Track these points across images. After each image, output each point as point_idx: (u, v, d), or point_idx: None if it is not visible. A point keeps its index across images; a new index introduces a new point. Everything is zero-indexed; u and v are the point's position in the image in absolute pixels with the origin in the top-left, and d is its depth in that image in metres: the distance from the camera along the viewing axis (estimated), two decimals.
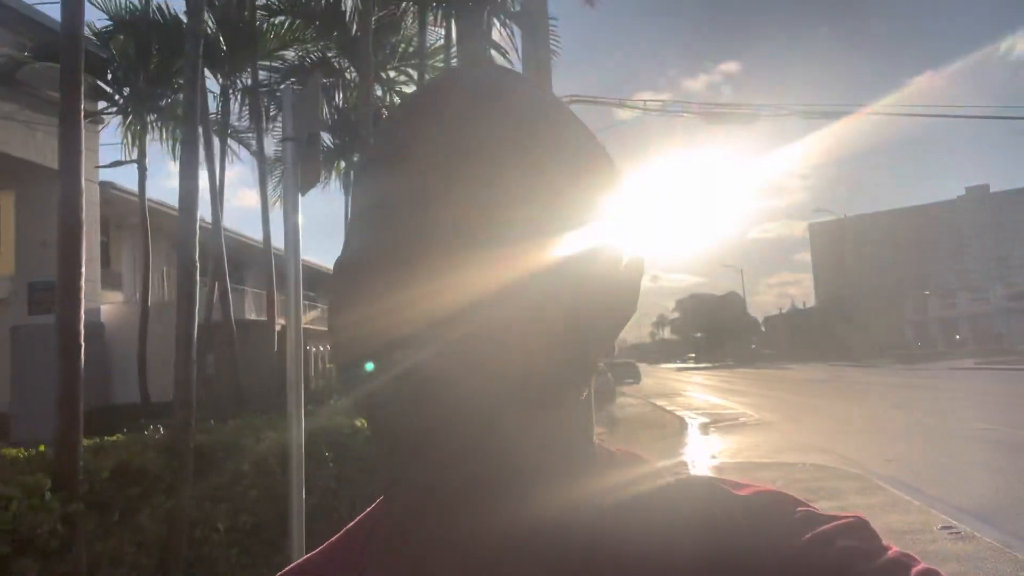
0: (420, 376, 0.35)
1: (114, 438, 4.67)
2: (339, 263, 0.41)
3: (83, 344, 3.68)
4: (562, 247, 0.39)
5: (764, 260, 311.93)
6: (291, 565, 0.51)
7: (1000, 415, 13.94)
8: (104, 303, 12.33)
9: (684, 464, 9.75)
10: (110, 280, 14.81)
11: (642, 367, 45.72)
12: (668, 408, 20.06)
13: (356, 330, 0.37)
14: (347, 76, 10.46)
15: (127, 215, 13.93)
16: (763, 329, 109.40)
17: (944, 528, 5.82)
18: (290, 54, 10.05)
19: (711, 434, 13.75)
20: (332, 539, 0.51)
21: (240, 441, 4.47)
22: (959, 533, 5.64)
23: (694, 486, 0.42)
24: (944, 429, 12.31)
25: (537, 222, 0.38)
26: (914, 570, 0.35)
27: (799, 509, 0.39)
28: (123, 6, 9.18)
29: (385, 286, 0.36)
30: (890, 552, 0.36)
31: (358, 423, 5.29)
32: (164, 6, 9.26)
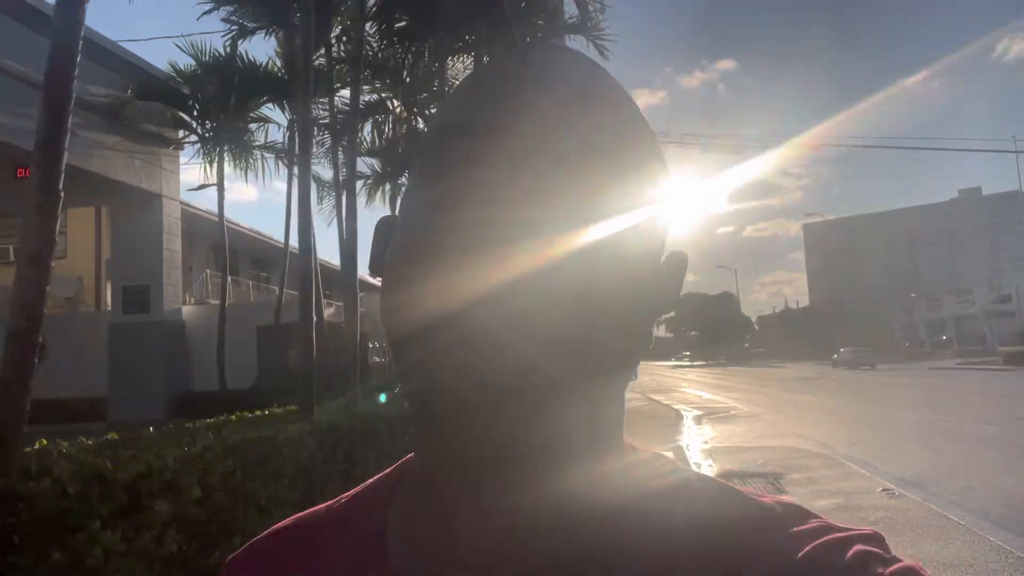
0: (467, 348, 0.36)
1: (257, 413, 6.31)
2: (406, 244, 0.41)
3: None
4: (616, 239, 0.40)
5: (759, 259, 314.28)
6: (297, 515, 0.52)
7: (959, 408, 15.70)
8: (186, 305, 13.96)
9: (700, 468, 11.41)
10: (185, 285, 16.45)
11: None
12: (665, 402, 21.75)
13: (415, 306, 0.38)
14: (395, 110, 12.06)
15: (195, 227, 15.54)
16: (756, 328, 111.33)
17: (883, 490, 7.50)
18: (347, 92, 11.67)
19: (704, 424, 15.43)
20: (350, 492, 0.51)
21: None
22: (893, 493, 7.33)
23: (716, 488, 0.43)
24: (905, 419, 14.06)
25: (597, 214, 0.39)
26: None
27: (813, 520, 0.40)
28: (210, 52, 10.85)
29: (446, 272, 0.37)
30: (903, 561, 0.36)
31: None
32: (244, 53, 10.88)
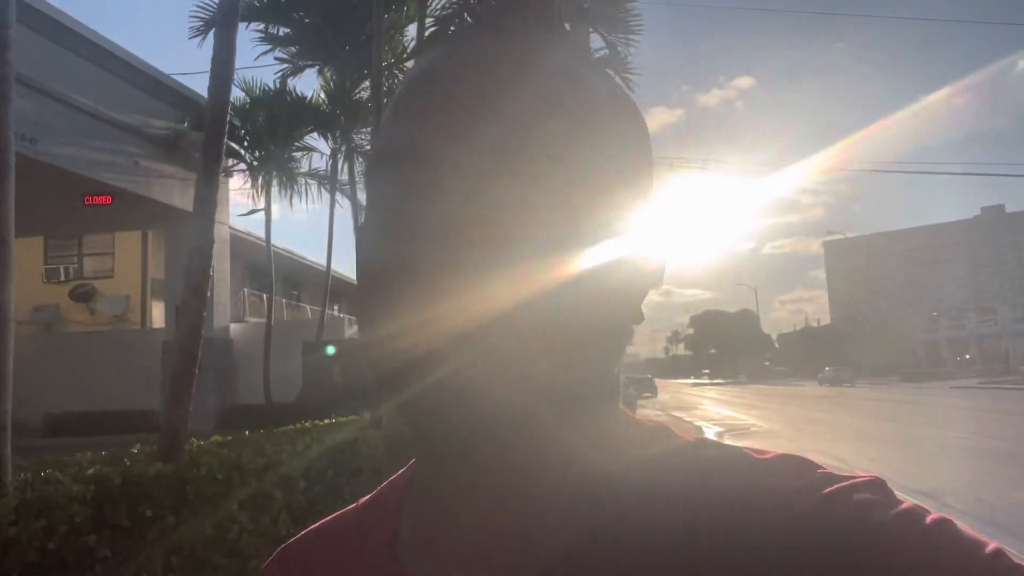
0: (460, 384, 0.36)
1: (325, 422, 6.91)
2: (367, 271, 0.40)
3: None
4: (594, 255, 0.38)
5: (778, 276, 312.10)
6: (326, 519, 0.53)
7: (979, 427, 15.95)
8: (232, 323, 14.68)
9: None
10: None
11: (657, 382, 47.79)
12: (687, 419, 22.11)
13: (393, 342, 0.37)
14: None
15: (233, 247, 16.33)
16: (776, 346, 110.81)
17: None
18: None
19: (725, 440, 15.79)
20: (364, 499, 0.52)
21: None
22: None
23: (713, 448, 0.43)
24: (922, 437, 14.38)
25: (570, 230, 0.38)
26: (928, 518, 0.35)
27: (819, 470, 0.40)
28: (260, 87, 11.66)
29: (418, 298, 0.36)
30: (905, 503, 0.37)
31: None
32: (293, 88, 11.68)
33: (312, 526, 0.53)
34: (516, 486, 0.41)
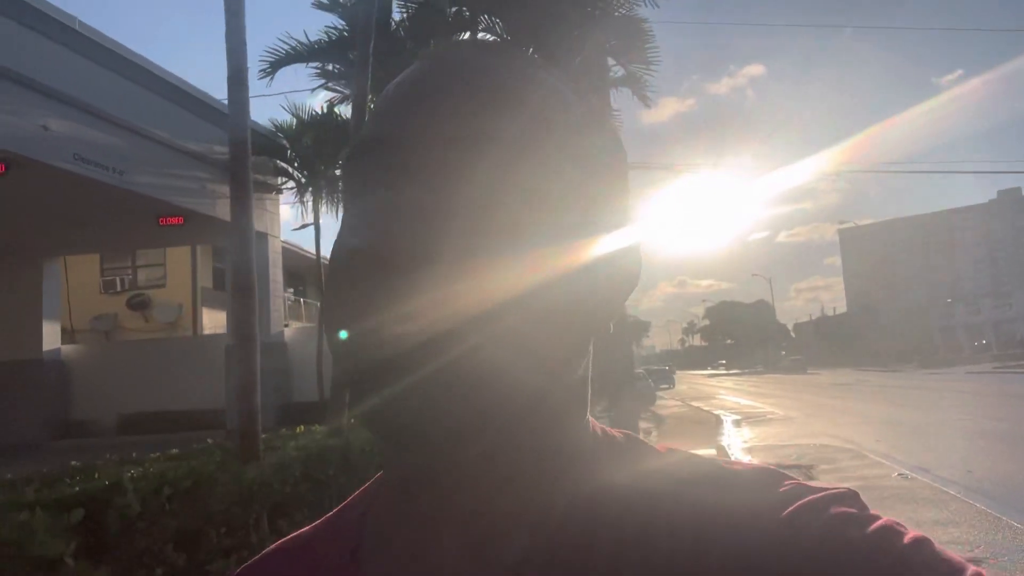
0: (428, 385, 0.35)
1: None
2: (343, 254, 0.39)
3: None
4: (573, 247, 0.38)
5: (794, 264, 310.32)
6: (285, 538, 0.52)
7: (983, 409, 16.81)
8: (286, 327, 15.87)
9: (685, 449, 12.83)
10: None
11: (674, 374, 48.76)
12: (705, 408, 23.07)
13: (362, 337, 0.36)
14: None
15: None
16: (793, 335, 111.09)
17: (898, 475, 8.90)
18: None
19: (743, 427, 16.79)
20: (327, 515, 0.51)
21: None
22: (906, 476, 8.73)
23: (685, 460, 0.43)
24: (927, 420, 15.30)
25: (547, 222, 0.38)
26: (906, 536, 0.35)
27: (788, 482, 0.39)
28: (308, 112, 12.85)
29: (384, 290, 0.35)
30: (881, 520, 0.36)
31: None
32: (339, 112, 12.81)
33: (274, 544, 0.52)
34: (483, 495, 0.40)
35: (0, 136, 7.88)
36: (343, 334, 0.37)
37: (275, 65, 10.94)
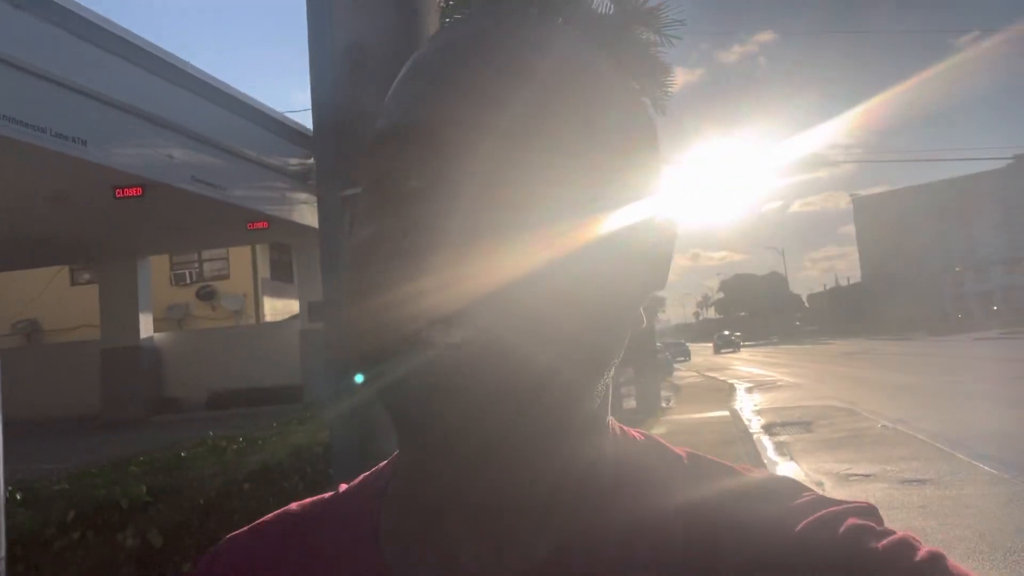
0: (451, 366, 0.34)
1: None
2: (362, 244, 0.38)
3: None
4: (603, 228, 0.37)
5: (808, 234, 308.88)
6: (296, 503, 0.51)
7: (973, 373, 18.51)
8: None
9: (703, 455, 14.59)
10: None
11: (689, 346, 50.59)
12: (720, 378, 24.84)
13: (384, 316, 0.35)
14: None
15: None
16: (807, 305, 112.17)
17: (881, 426, 10.68)
18: None
19: (754, 393, 18.58)
20: (348, 485, 0.50)
21: None
22: (887, 427, 10.52)
23: (705, 466, 0.43)
24: (923, 383, 17.02)
25: (578, 204, 0.37)
26: (921, 550, 0.35)
27: (806, 494, 0.39)
28: None
29: (416, 272, 0.34)
30: (896, 534, 0.36)
31: None
32: None
33: (267, 516, 0.50)
34: (503, 484, 0.39)
35: (138, 166, 9.75)
36: (357, 316, 0.37)
37: None
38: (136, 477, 3.05)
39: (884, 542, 0.36)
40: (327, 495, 0.51)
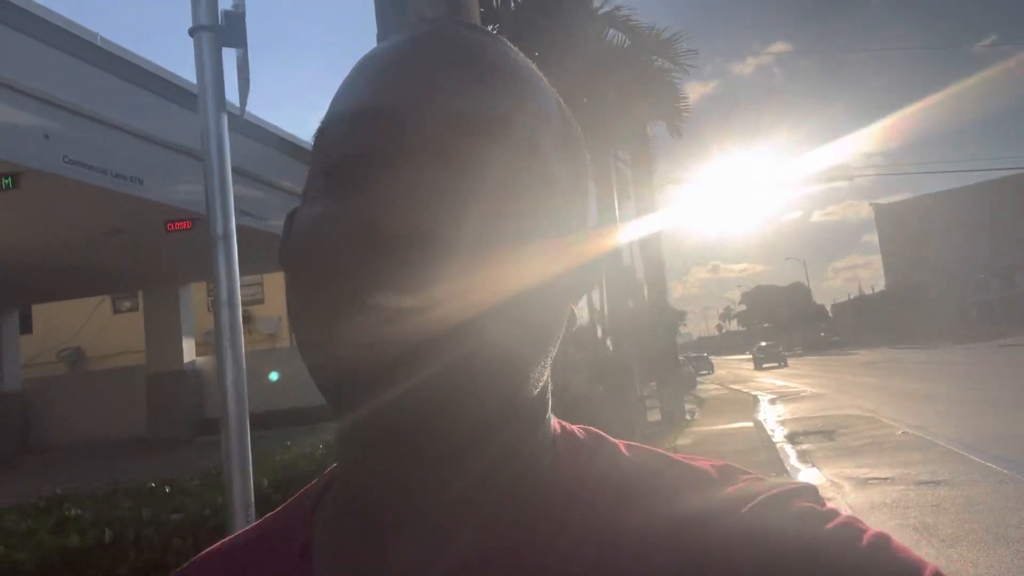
0: (396, 368, 0.34)
1: None
2: (306, 240, 0.38)
3: None
4: (550, 244, 0.38)
5: (830, 243, 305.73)
6: (230, 536, 0.50)
7: (993, 380, 18.59)
8: None
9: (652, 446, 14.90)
10: None
11: (712, 359, 50.61)
12: (744, 390, 25.04)
13: (356, 337, 0.34)
14: None
15: None
16: (831, 315, 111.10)
17: (901, 433, 11.00)
18: None
19: (777, 404, 18.83)
20: (275, 511, 0.50)
21: None
22: (907, 434, 10.84)
23: (646, 457, 0.43)
24: (944, 392, 17.16)
25: (528, 188, 0.38)
26: (867, 533, 0.35)
27: (744, 477, 0.40)
28: None
29: (375, 248, 0.34)
30: (841, 516, 0.36)
31: None
32: None
33: (208, 548, 0.49)
34: (438, 481, 0.39)
35: (189, 201, 10.46)
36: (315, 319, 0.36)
37: None
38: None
39: (831, 524, 0.36)
40: (262, 519, 0.51)
